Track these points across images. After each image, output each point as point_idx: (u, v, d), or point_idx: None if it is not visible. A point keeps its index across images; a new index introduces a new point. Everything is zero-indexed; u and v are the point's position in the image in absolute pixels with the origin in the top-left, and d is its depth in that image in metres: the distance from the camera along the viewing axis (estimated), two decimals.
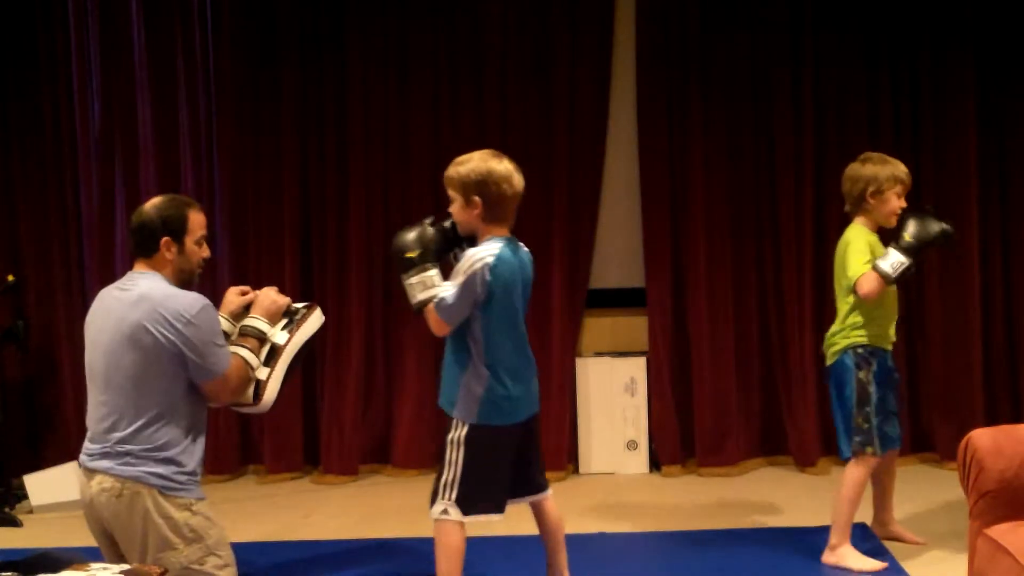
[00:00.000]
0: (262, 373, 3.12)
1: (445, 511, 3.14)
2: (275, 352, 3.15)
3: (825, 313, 4.69)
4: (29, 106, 5.25)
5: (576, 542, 4.04)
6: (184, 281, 3.10)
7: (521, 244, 3.24)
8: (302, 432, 5.28)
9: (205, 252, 3.14)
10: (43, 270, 5.29)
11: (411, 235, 3.20)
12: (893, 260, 3.60)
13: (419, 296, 3.16)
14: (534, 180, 3.58)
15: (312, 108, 5.22)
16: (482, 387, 3.14)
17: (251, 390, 3.11)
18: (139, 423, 2.94)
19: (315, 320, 3.27)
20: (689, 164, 5.16)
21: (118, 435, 2.96)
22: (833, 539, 3.75)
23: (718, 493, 4.85)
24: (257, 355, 3.12)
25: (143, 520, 2.92)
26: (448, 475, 3.15)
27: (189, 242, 3.07)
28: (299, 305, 3.29)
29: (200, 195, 5.21)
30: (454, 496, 3.14)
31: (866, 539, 3.93)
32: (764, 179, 5.19)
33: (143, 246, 3.06)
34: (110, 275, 5.21)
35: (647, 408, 5.21)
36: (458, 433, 3.16)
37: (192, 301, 2.98)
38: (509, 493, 3.24)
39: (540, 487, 3.35)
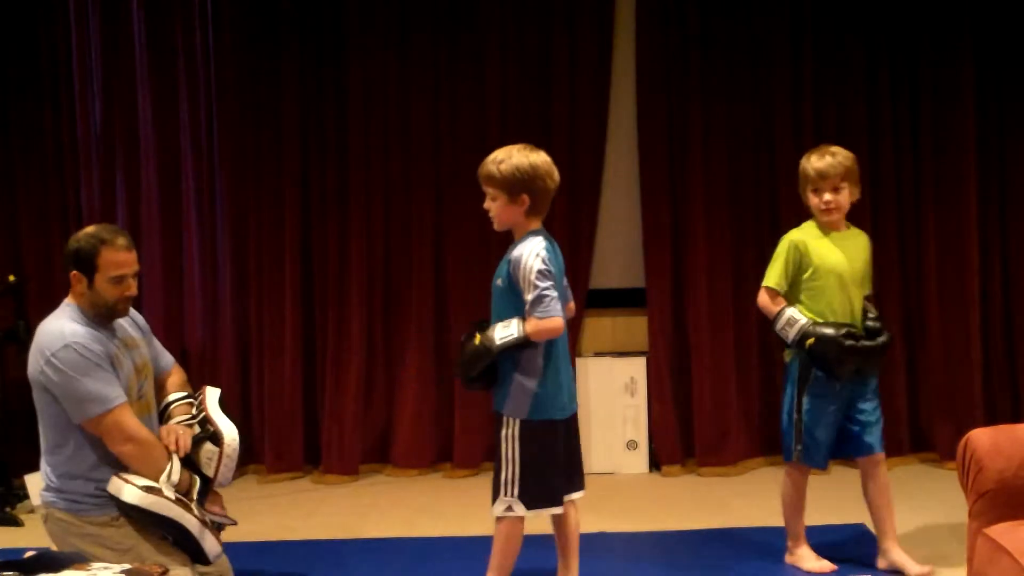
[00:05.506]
0: (166, 489, 2.92)
1: (509, 508, 3.13)
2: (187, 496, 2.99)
3: None
4: (29, 106, 5.24)
5: None
6: (101, 315, 2.99)
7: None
8: (302, 432, 5.28)
9: (127, 290, 2.98)
10: (43, 270, 5.28)
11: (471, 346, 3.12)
12: (792, 318, 3.49)
13: (514, 332, 3.04)
14: None
15: (313, 107, 5.22)
16: (536, 382, 3.10)
17: (158, 482, 2.92)
18: (51, 446, 3.00)
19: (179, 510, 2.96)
20: (689, 164, 5.16)
21: (43, 459, 3.03)
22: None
23: (718, 493, 4.85)
24: (182, 476, 2.96)
25: (72, 538, 2.97)
26: (507, 472, 3.13)
27: (100, 280, 2.94)
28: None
29: (200, 194, 5.23)
30: (516, 492, 3.12)
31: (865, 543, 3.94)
32: (764, 179, 5.20)
33: (65, 272, 2.99)
34: None
35: (647, 408, 5.21)
36: (511, 430, 3.12)
37: (55, 339, 2.89)
38: (563, 488, 3.23)
39: (581, 486, 3.34)
